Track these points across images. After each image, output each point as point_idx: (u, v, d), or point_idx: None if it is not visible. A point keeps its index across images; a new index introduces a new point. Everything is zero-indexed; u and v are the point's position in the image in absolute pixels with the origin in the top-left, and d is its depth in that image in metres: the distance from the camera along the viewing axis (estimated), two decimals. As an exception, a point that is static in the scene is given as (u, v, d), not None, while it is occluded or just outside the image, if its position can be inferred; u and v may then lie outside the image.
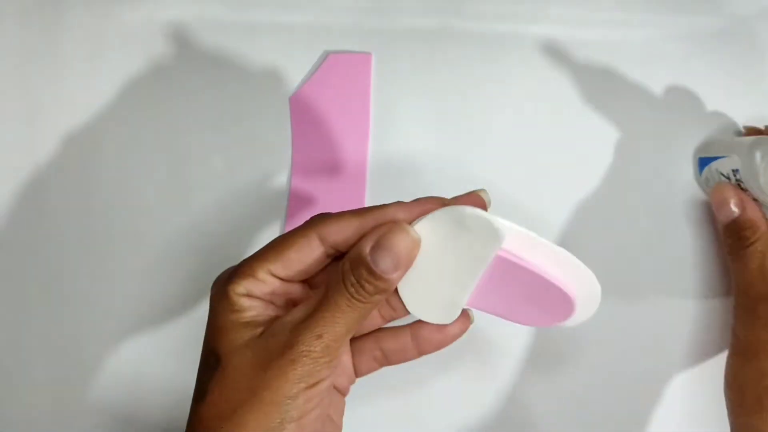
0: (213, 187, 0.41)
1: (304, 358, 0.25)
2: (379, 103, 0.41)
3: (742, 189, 0.37)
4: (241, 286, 0.27)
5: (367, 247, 0.26)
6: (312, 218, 0.28)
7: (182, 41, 0.42)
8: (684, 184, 0.41)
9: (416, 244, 0.27)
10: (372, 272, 0.26)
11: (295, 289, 0.29)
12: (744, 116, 0.41)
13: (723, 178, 0.38)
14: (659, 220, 0.41)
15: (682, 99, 0.42)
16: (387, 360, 0.30)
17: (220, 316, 0.27)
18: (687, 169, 0.41)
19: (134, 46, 0.42)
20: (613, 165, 0.41)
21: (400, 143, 0.41)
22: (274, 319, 0.27)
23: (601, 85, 0.42)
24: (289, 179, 0.41)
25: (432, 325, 0.30)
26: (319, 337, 0.26)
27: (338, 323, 0.26)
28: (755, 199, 0.36)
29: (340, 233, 0.27)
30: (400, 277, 0.27)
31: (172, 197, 0.41)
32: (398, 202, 0.28)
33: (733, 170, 0.36)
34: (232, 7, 0.42)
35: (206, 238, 0.41)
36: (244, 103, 0.42)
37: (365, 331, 0.31)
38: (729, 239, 0.37)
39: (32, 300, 0.41)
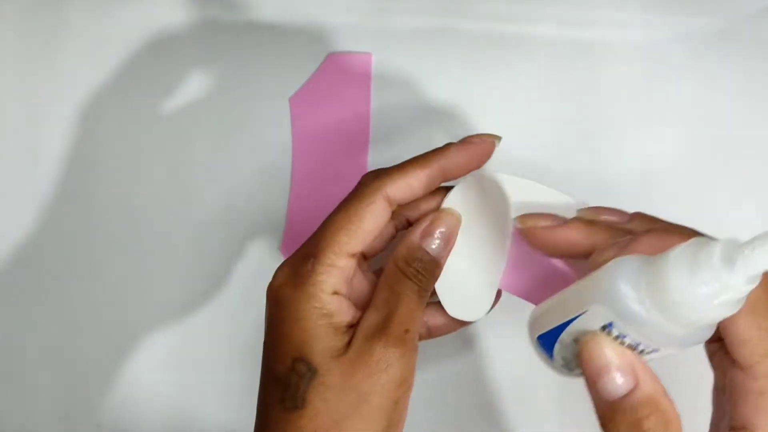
0: (213, 187, 0.41)
1: (401, 359, 0.26)
2: (379, 103, 0.41)
3: (627, 347, 0.23)
4: (328, 284, 0.27)
5: (417, 238, 0.28)
6: (369, 180, 0.29)
7: (182, 41, 0.42)
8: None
9: (459, 220, 0.29)
10: (427, 259, 0.28)
11: (354, 267, 0.29)
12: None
13: None
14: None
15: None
16: (429, 335, 0.31)
17: (308, 320, 0.27)
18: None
19: (134, 46, 0.42)
20: (608, 164, 0.41)
21: (400, 143, 0.41)
22: (352, 323, 0.28)
23: (600, 86, 0.42)
24: (290, 179, 0.41)
25: None
26: (408, 331, 0.27)
27: (415, 315, 0.28)
28: (644, 351, 0.23)
29: (408, 190, 0.28)
30: (448, 255, 0.29)
31: (172, 198, 0.41)
32: (450, 144, 0.29)
33: (603, 326, 0.23)
34: (232, 7, 0.42)
35: (206, 239, 0.41)
36: (244, 104, 0.42)
37: None
38: None
39: (31, 302, 0.41)
